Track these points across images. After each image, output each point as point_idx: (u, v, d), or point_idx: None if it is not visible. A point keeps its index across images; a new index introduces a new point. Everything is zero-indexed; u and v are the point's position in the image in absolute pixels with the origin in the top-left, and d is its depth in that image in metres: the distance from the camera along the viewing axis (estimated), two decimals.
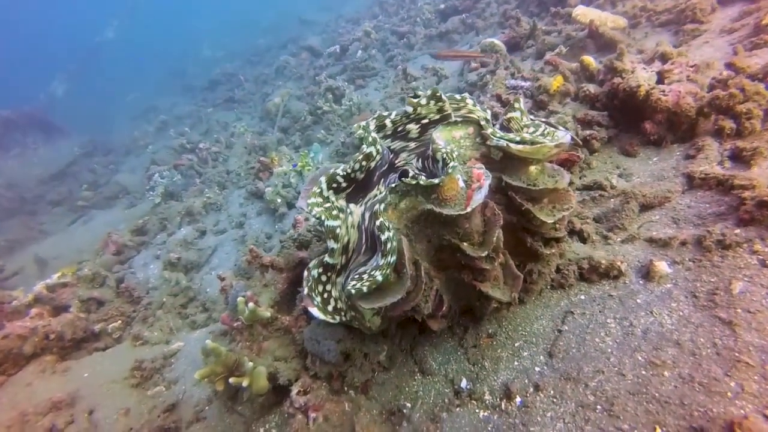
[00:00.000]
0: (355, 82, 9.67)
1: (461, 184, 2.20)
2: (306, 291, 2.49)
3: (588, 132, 3.62)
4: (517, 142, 2.29)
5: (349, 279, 2.34)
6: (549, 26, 7.02)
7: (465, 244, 2.24)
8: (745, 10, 4.45)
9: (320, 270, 2.52)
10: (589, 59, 4.66)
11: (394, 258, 2.14)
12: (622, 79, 3.53)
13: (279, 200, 6.01)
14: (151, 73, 25.92)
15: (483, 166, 2.26)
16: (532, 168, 2.36)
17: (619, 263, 2.53)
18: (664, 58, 3.74)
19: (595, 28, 5.59)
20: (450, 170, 2.13)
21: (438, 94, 2.58)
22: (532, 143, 2.28)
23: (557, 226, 2.40)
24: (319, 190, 2.54)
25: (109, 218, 10.60)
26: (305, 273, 2.57)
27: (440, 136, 2.42)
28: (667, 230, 2.65)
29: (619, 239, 2.81)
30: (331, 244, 2.40)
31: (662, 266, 2.38)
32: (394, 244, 2.14)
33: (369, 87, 9.40)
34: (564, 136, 2.38)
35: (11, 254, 10.67)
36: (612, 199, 3.17)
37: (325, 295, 2.51)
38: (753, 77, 3.24)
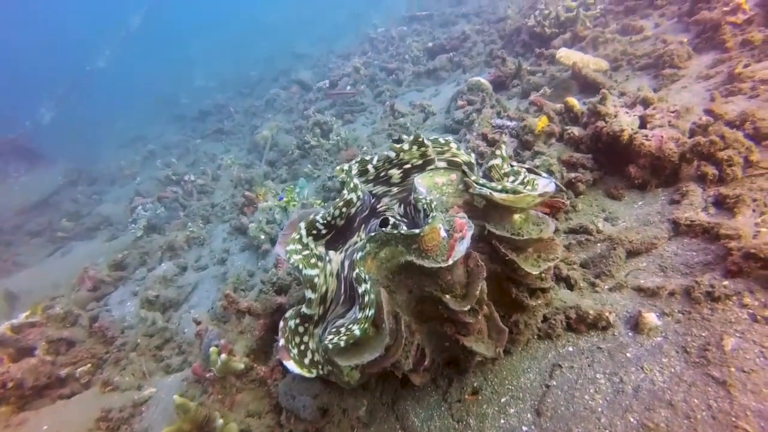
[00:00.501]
0: (343, 117, 9.74)
1: (443, 233, 2.12)
2: (282, 342, 2.36)
3: (573, 174, 3.61)
4: (500, 191, 2.24)
5: (327, 332, 2.22)
6: (534, 66, 7.19)
7: (447, 296, 2.15)
8: (718, 58, 4.59)
9: (297, 321, 2.39)
10: (573, 101, 4.72)
11: (372, 312, 2.03)
12: (605, 123, 3.56)
13: (262, 237, 5.88)
14: (141, 103, 25.98)
15: (465, 216, 2.19)
16: (516, 216, 2.30)
17: (607, 314, 2.45)
18: (645, 102, 3.80)
19: (578, 70, 5.72)
20: (431, 220, 2.06)
21: (420, 139, 2.54)
22: (515, 192, 2.24)
23: (543, 275, 2.33)
24: (298, 237, 2.45)
25: (89, 250, 10.32)
26: (281, 323, 2.44)
27: (422, 183, 2.36)
28: (655, 279, 2.59)
29: (606, 287, 2.74)
30: (309, 294, 2.30)
31: (651, 318, 2.31)
32: (372, 296, 2.04)
33: (357, 122, 9.47)
34: (547, 185, 2.34)
35: None
36: (599, 244, 3.12)
37: (302, 347, 2.38)
38: (731, 124, 3.28)
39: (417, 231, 2.03)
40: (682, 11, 6.48)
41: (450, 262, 1.99)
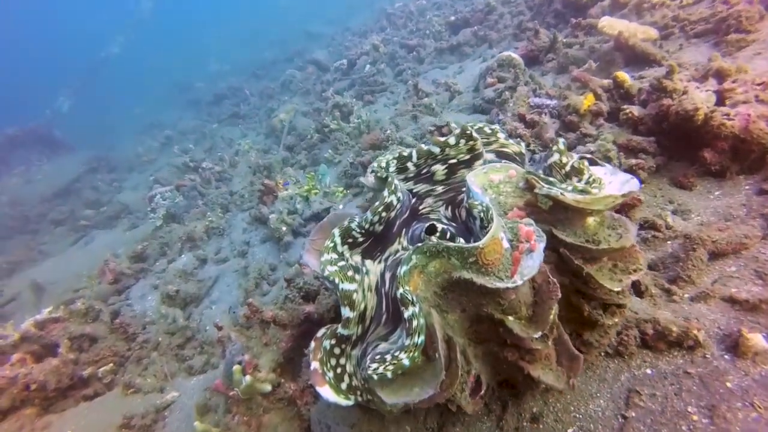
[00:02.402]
0: (363, 98, 9.29)
1: (506, 244, 1.76)
2: (315, 365, 2.06)
3: (633, 161, 3.18)
4: (572, 191, 1.85)
5: (368, 358, 1.91)
6: (570, 38, 6.60)
7: (510, 318, 1.80)
8: None
9: (332, 341, 2.08)
10: (624, 75, 4.23)
11: (422, 339, 1.71)
12: (672, 100, 3.09)
13: (284, 228, 5.60)
14: (156, 88, 25.83)
15: (533, 222, 1.82)
16: (591, 220, 1.92)
17: (695, 331, 2.07)
18: (720, 74, 3.30)
19: (624, 41, 5.16)
20: (490, 229, 1.70)
21: (469, 132, 2.17)
22: (588, 193, 1.85)
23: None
24: (332, 245, 2.12)
25: (110, 239, 10.30)
26: (313, 343, 2.14)
27: (475, 182, 1.99)
28: (752, 288, 2.18)
29: (686, 295, 2.35)
30: (346, 312, 1.97)
31: (758, 340, 1.91)
32: (422, 321, 1.71)
33: (378, 103, 9.01)
34: (628, 181, 1.95)
35: (10, 277, 10.41)
36: (669, 242, 2.71)
37: (339, 370, 2.07)
38: None
39: (476, 244, 1.68)
40: None
41: (518, 281, 1.64)
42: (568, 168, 2.08)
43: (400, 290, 1.75)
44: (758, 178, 2.75)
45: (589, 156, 2.20)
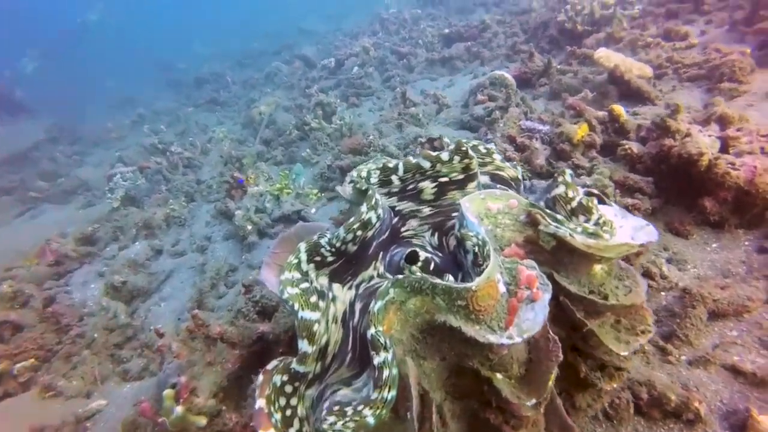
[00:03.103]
0: (348, 100, 8.99)
1: (502, 288, 1.49)
2: (261, 403, 1.72)
3: (630, 201, 2.99)
4: (581, 233, 1.60)
5: (325, 407, 1.58)
6: (564, 65, 6.52)
7: (499, 375, 1.52)
8: None
9: (284, 378, 1.75)
10: (620, 109, 4.10)
11: (392, 394, 1.40)
12: (674, 141, 2.93)
13: (249, 227, 5.20)
14: (134, 62, 24.68)
15: (536, 266, 1.55)
16: (598, 268, 1.67)
17: (697, 403, 1.85)
18: (723, 121, 3.17)
19: (620, 74, 5.07)
20: (485, 269, 1.42)
21: (464, 149, 1.90)
22: (599, 236, 1.61)
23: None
24: (296, 261, 1.79)
25: (61, 216, 9.55)
26: (261, 376, 1.80)
27: (471, 208, 1.71)
28: (757, 359, 1.99)
29: (683, 357, 2.14)
30: (304, 346, 1.65)
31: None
32: (394, 372, 1.41)
33: (363, 107, 8.72)
34: (643, 228, 1.71)
35: None
36: (663, 293, 2.52)
37: (288, 412, 1.74)
38: None
39: (468, 285, 1.40)
40: (737, 19, 5.85)
41: (515, 338, 1.36)
42: (574, 204, 1.83)
43: (372, 330, 1.45)
44: (758, 235, 2.60)
45: (596, 192, 1.97)
